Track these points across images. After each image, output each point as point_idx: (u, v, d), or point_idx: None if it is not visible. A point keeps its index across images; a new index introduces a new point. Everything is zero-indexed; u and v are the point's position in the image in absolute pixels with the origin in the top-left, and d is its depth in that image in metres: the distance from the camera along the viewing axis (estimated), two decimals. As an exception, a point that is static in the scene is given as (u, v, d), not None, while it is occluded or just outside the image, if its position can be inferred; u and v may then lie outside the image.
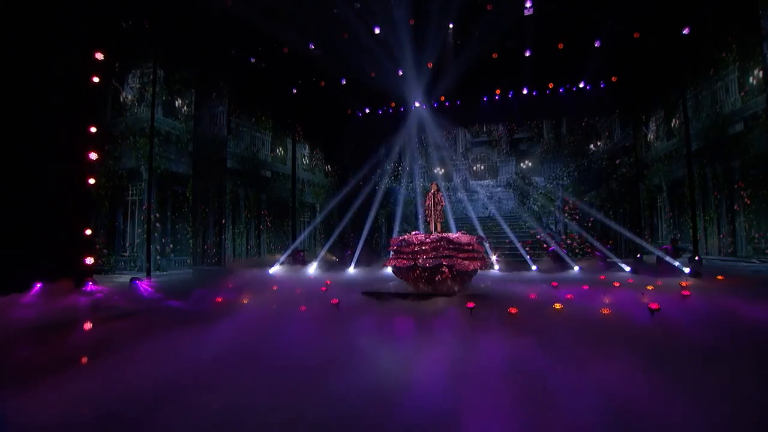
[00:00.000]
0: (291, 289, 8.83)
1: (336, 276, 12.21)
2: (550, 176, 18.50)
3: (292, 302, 7.23)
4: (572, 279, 9.75)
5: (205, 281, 10.16)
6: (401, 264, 8.74)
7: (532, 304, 6.51)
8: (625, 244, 17.25)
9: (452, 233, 8.84)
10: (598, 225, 18.05)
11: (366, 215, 20.32)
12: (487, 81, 17.86)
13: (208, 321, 5.81)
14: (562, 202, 18.31)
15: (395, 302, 7.44)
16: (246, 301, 7.40)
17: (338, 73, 17.09)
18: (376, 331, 5.03)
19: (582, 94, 17.60)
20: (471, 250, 8.67)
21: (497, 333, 4.81)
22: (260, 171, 16.57)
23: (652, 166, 16.30)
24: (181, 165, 12.19)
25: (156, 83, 10.55)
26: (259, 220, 16.53)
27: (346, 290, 8.86)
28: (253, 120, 16.39)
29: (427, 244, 8.57)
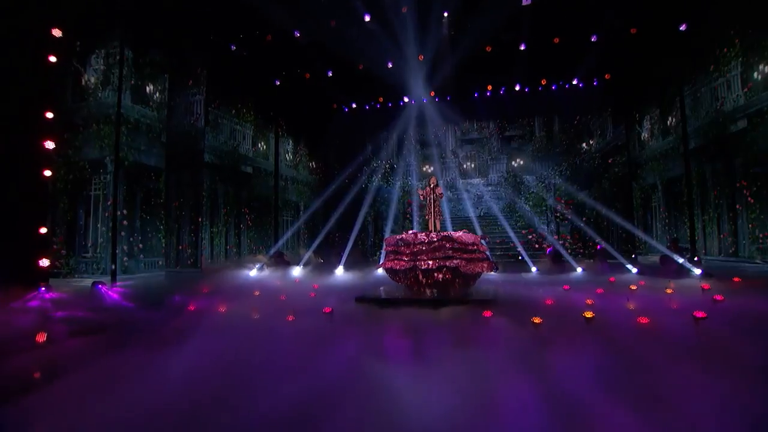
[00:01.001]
0: (275, 295, 7.82)
1: (323, 279, 11.22)
2: (541, 175, 17.94)
3: (278, 311, 6.24)
4: (580, 282, 9.03)
5: (178, 286, 9.03)
6: (398, 266, 7.84)
7: (554, 311, 5.70)
8: (617, 244, 16.78)
9: (455, 232, 7.99)
10: (591, 224, 17.55)
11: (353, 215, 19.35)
12: (479, 76, 17.12)
13: (176, 338, 4.78)
14: (554, 202, 17.76)
15: (395, 311, 6.53)
16: (223, 309, 6.36)
17: (324, 65, 16.08)
18: (383, 351, 4.11)
19: (575, 92, 17.05)
20: (476, 250, 7.84)
21: (546, 350, 3.95)
22: (241, 166, 15.41)
23: (646, 165, 15.86)
24: (152, 157, 10.97)
25: (123, 65, 9.36)
26: (239, 218, 15.37)
27: (337, 296, 7.90)
28: (233, 112, 15.23)
29: (427, 244, 7.69)
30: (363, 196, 19.82)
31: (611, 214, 15.60)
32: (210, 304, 6.69)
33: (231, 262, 13.84)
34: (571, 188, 17.62)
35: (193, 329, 5.26)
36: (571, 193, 17.58)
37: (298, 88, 17.14)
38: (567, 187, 17.67)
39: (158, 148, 11.09)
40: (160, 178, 11.19)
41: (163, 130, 11.20)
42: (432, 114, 18.58)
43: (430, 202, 8.64)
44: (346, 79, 16.89)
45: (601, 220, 17.06)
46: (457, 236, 7.70)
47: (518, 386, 3.06)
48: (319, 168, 19.73)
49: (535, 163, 18.26)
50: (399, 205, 19.13)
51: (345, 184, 19.53)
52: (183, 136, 12.23)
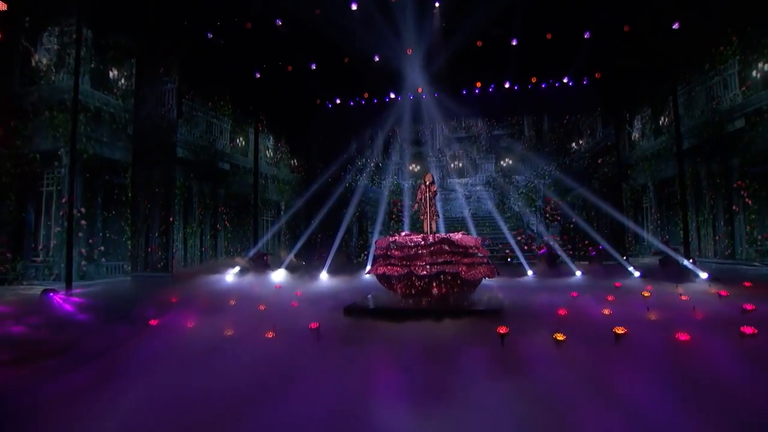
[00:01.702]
0: (253, 304, 6.88)
1: (307, 285, 10.30)
2: (531, 175, 17.43)
3: (256, 325, 5.32)
4: (583, 287, 8.39)
5: (143, 294, 7.97)
6: (391, 272, 7.01)
7: (572, 324, 4.97)
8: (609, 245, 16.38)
9: (454, 233, 7.21)
10: (580, 226, 17.12)
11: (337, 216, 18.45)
12: (468, 72, 16.45)
13: (130, 365, 3.85)
14: (543, 203, 17.27)
15: (392, 325, 5.70)
16: (191, 324, 5.41)
17: (307, 57, 15.13)
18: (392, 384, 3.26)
19: (564, 91, 16.58)
20: (476, 254, 7.09)
21: (604, 381, 3.19)
22: (217, 162, 14.31)
23: (636, 166, 15.49)
24: (116, 150, 9.82)
25: (81, 46, 8.23)
26: (215, 218, 14.27)
27: (323, 305, 7.02)
28: (209, 104, 14.13)
29: (424, 248, 6.88)
30: (347, 196, 18.94)
31: (609, 209, 15.00)
32: (176, 318, 5.71)
33: (206, 266, 12.75)
34: (560, 188, 17.16)
35: (151, 353, 4.32)
36: (560, 194, 17.11)
37: (280, 81, 16.13)
38: (557, 187, 17.19)
39: (124, 141, 9.94)
40: (126, 174, 10.04)
41: (130, 121, 10.06)
42: (419, 111, 17.85)
43: (426, 201, 7.85)
44: (331, 73, 15.98)
45: (591, 221, 16.66)
46: (457, 239, 6.92)
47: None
48: (302, 166, 18.73)
49: (525, 162, 17.75)
50: (385, 206, 18.29)
51: (328, 184, 18.59)
52: (153, 128, 11.09)
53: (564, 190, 17.19)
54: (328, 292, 9.05)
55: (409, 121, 18.30)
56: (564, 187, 17.10)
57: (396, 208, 18.16)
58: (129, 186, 10.13)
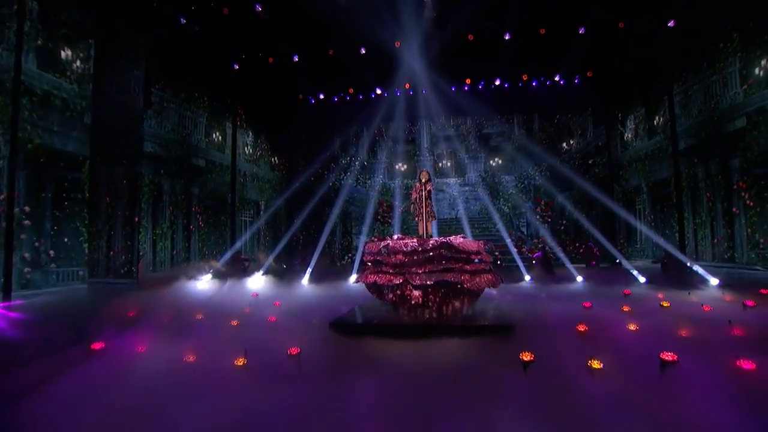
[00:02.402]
0: (225, 319, 5.89)
1: (287, 292, 9.31)
2: (521, 175, 16.82)
3: (224, 348, 4.36)
4: (589, 294, 7.66)
5: (97, 305, 6.86)
6: (383, 281, 6.12)
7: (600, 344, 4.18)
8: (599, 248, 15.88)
9: (454, 237, 6.37)
10: (570, 228, 16.59)
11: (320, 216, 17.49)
12: (458, 68, 15.72)
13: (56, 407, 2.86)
14: (534, 203, 16.68)
15: (387, 345, 4.82)
16: (143, 348, 4.41)
17: (289, 48, 14.12)
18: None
19: (555, 89, 16.05)
20: (479, 261, 6.26)
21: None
22: (191, 158, 13.16)
23: (629, 167, 15.02)
24: (70, 140, 8.62)
25: (24, 18, 7.07)
26: (188, 218, 13.11)
27: (305, 319, 6.08)
28: (182, 95, 12.96)
29: (420, 254, 6.02)
30: (331, 196, 18.00)
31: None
32: (127, 340, 4.69)
33: (177, 271, 11.58)
34: (551, 189, 16.59)
35: (81, 392, 3.32)
36: (551, 195, 16.55)
37: (260, 73, 15.07)
38: (547, 188, 16.62)
39: (79, 131, 8.75)
40: (82, 169, 8.86)
41: (87, 109, 8.88)
42: (406, 108, 17.04)
43: (421, 201, 7.00)
44: (314, 67, 15.02)
45: (581, 224, 16.15)
46: (458, 243, 6.08)
47: None
48: (283, 164, 17.67)
49: (515, 162, 17.15)
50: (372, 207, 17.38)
51: (311, 183, 17.61)
52: (116, 118, 9.94)
53: (555, 191, 16.64)
54: (311, 300, 8.09)
55: (395, 118, 17.48)
56: (555, 188, 16.55)
57: (382, 209, 17.27)
58: (86, 182, 8.94)
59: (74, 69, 8.58)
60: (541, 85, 16.13)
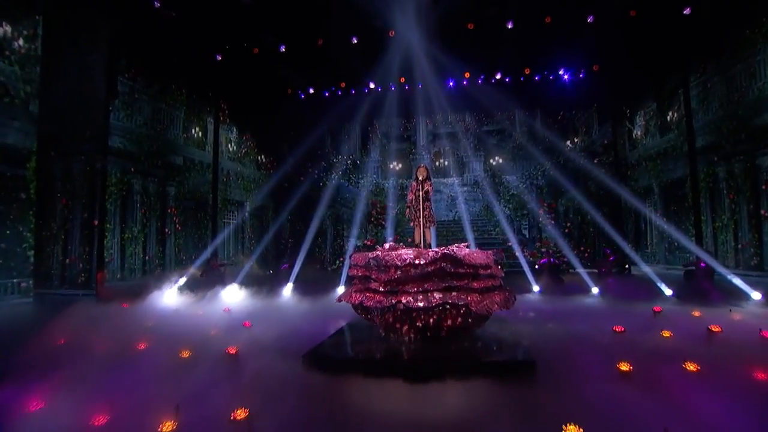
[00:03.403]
0: (174, 349, 4.69)
1: (263, 307, 8.12)
2: (523, 175, 15.71)
3: (150, 403, 3.18)
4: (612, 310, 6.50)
5: (25, 327, 5.62)
6: (371, 301, 4.93)
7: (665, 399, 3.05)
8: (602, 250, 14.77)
9: (458, 246, 5.20)
10: (575, 230, 15.49)
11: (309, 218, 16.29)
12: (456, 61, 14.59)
13: None
14: (536, 205, 15.55)
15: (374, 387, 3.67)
16: (41, 405, 3.22)
17: (275, 38, 12.92)
18: None
19: (559, 84, 14.95)
20: (490, 275, 5.09)
21: None
22: (167, 156, 11.90)
23: (638, 166, 13.91)
24: (10, 131, 7.37)
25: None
26: (163, 220, 11.85)
27: (276, 346, 4.90)
28: (156, 86, 11.71)
29: (418, 268, 4.85)
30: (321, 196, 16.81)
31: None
32: (26, 387, 3.48)
33: (149, 279, 10.33)
34: (554, 190, 15.48)
35: None
36: (555, 196, 15.43)
37: (245, 65, 13.85)
38: (550, 188, 15.50)
39: (23, 121, 7.52)
40: (27, 165, 7.64)
41: (34, 96, 7.66)
42: (402, 104, 15.89)
43: (419, 203, 5.82)
44: (303, 58, 13.82)
45: (587, 227, 15.05)
46: (463, 255, 4.90)
47: None
48: (270, 162, 16.41)
49: (517, 161, 16.04)
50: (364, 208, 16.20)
51: (300, 182, 16.41)
52: (72, 109, 8.69)
53: (558, 191, 15.52)
54: (290, 317, 6.89)
55: (390, 114, 16.34)
56: (558, 189, 15.43)
57: (376, 210, 16.09)
58: (32, 180, 7.71)
59: (15, 49, 7.34)
60: (545, 79, 15.02)
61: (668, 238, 12.56)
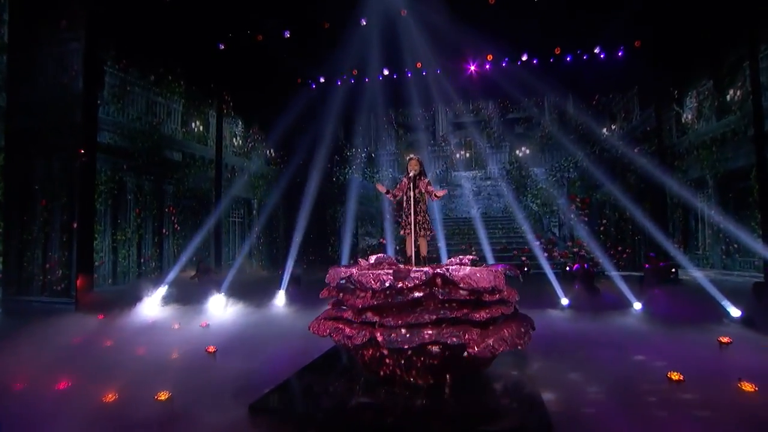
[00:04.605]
0: (101, 388, 3.79)
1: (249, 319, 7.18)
2: (552, 167, 14.12)
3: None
4: (663, 339, 5.08)
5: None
6: (339, 337, 3.79)
7: None
8: (644, 253, 13.02)
9: (457, 263, 4.00)
10: (612, 228, 13.78)
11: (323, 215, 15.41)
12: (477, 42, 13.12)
13: None
14: (568, 200, 13.94)
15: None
16: None
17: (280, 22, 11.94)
18: None
19: (595, 64, 13.20)
20: (498, 302, 3.86)
21: None
22: (163, 152, 11.19)
23: (688, 155, 12.03)
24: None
25: None
26: (161, 220, 11.19)
27: (228, 386, 3.89)
28: (151, 77, 10.97)
29: (401, 293, 3.69)
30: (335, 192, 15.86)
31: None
32: None
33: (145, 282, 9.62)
34: (588, 184, 13.81)
35: None
36: (589, 190, 13.76)
37: (249, 54, 12.97)
38: (583, 182, 13.84)
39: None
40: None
41: (1, 88, 7.01)
42: (419, 91, 14.61)
43: (409, 206, 4.63)
44: (310, 44, 12.81)
45: (625, 224, 13.32)
46: (461, 276, 3.67)
47: None
48: (279, 157, 15.54)
49: (545, 152, 14.45)
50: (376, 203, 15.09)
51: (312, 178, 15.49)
52: (51, 102, 8.03)
53: (592, 185, 13.83)
54: (270, 337, 5.89)
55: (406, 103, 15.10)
56: (592, 182, 13.74)
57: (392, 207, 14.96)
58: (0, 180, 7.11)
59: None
60: (578, 59, 13.31)
61: (725, 239, 10.74)
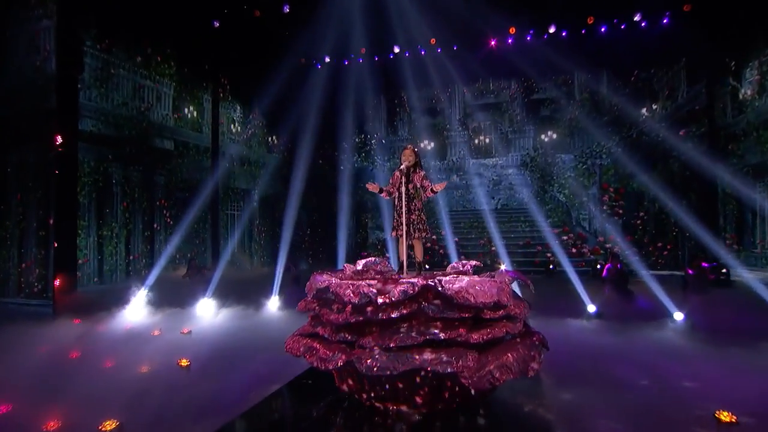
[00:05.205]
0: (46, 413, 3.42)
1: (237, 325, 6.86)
2: (582, 153, 13.26)
3: None
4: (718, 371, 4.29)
5: None
6: (313, 359, 3.33)
7: None
8: (688, 250, 12.14)
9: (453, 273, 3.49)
10: (651, 222, 12.92)
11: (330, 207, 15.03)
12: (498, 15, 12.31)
13: None
14: (600, 190, 13.11)
15: None
16: None
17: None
18: None
19: (634, 35, 12.22)
20: (501, 318, 3.33)
21: None
22: (153, 140, 10.87)
23: (746, 137, 10.94)
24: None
25: None
26: (151, 214, 10.96)
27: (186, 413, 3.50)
28: (138, 58, 10.67)
29: (384, 309, 3.21)
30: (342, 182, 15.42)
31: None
32: None
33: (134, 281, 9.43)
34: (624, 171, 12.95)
35: None
36: (623, 179, 12.91)
37: (246, 32, 12.57)
38: (618, 169, 12.99)
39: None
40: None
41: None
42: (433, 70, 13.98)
43: (401, 204, 4.12)
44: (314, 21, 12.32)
45: (667, 218, 12.42)
46: (458, 289, 3.07)
47: None
48: (282, 144, 15.17)
49: (575, 136, 13.59)
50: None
51: (318, 166, 15.12)
52: (25, 88, 7.82)
53: (628, 173, 12.95)
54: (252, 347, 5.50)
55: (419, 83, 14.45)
56: (628, 170, 12.86)
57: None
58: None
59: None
60: (614, 30, 12.38)
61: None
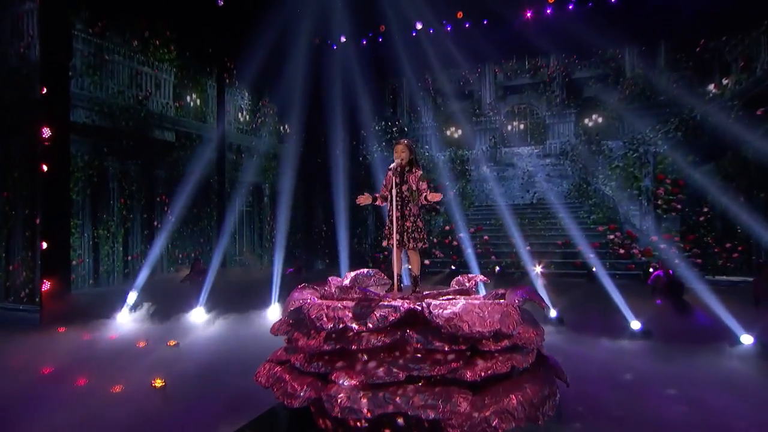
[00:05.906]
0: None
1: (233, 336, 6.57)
2: (634, 139, 12.23)
3: None
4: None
5: None
6: (279, 393, 2.95)
7: None
8: (766, 254, 11.05)
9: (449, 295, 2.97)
10: (717, 220, 11.85)
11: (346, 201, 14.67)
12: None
13: None
14: (654, 182, 12.10)
15: None
16: None
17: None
18: None
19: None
20: (506, 349, 2.81)
21: None
22: (152, 131, 10.74)
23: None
24: None
25: None
26: (151, 211, 10.90)
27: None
28: (134, 43, 10.55)
29: (361, 338, 2.76)
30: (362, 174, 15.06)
31: None
32: None
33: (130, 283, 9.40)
34: (683, 160, 11.91)
35: None
36: (683, 169, 11.87)
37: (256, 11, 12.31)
38: (677, 158, 11.95)
39: None
40: None
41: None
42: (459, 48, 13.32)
43: (392, 208, 3.62)
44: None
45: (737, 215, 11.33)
46: (449, 315, 2.54)
47: None
48: (296, 133, 14.87)
49: (624, 120, 12.57)
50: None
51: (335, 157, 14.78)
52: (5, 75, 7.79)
53: (689, 162, 11.91)
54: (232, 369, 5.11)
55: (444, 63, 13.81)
56: (689, 159, 11.83)
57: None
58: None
59: None
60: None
61: None
